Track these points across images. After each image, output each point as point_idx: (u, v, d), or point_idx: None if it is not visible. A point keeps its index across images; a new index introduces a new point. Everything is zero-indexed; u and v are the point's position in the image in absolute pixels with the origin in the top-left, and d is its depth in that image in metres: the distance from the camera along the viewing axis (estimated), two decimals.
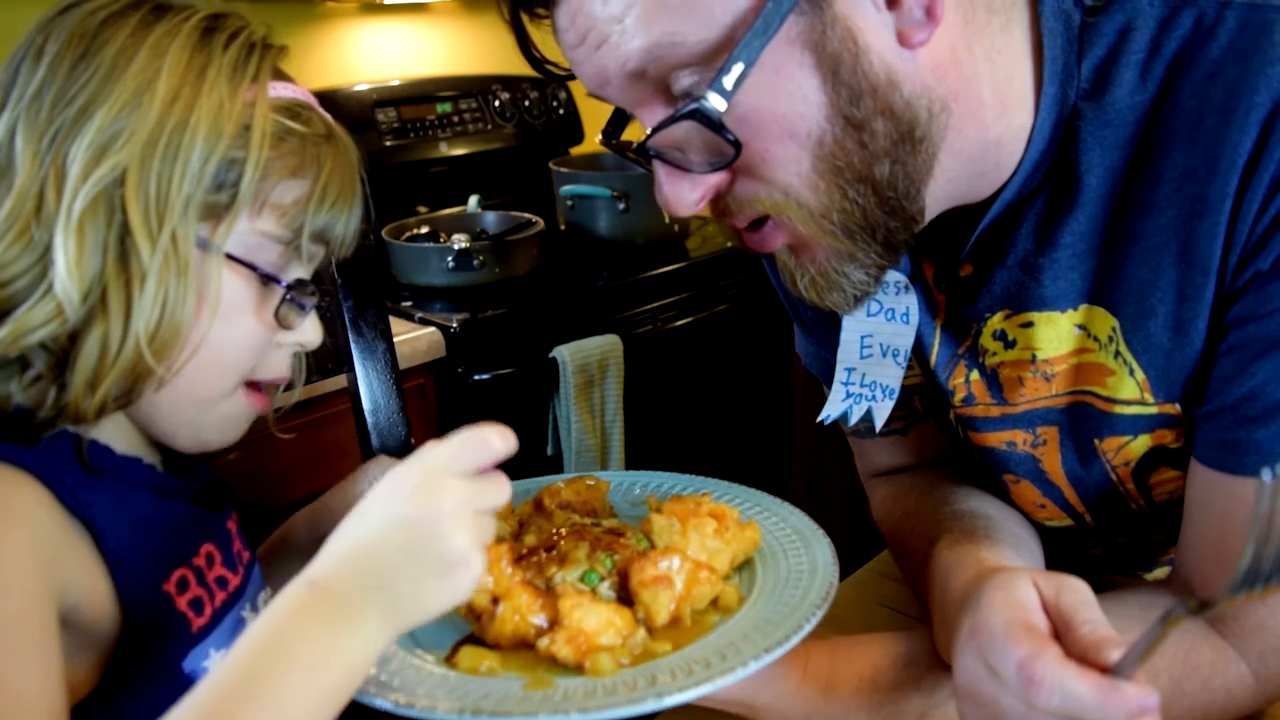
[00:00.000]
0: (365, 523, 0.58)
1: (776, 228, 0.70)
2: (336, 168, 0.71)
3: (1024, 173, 0.72)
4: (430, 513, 0.57)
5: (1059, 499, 0.84)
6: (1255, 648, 0.70)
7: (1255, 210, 0.66)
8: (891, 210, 0.68)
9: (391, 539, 0.57)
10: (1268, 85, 0.65)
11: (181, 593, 0.70)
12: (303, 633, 0.55)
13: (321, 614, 0.56)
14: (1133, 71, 0.69)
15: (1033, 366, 0.78)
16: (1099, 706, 0.54)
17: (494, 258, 1.71)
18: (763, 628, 0.66)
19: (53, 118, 0.64)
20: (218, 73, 0.67)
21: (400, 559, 0.57)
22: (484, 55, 2.35)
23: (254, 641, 0.55)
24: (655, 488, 0.89)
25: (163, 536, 0.70)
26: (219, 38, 0.68)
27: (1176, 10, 0.69)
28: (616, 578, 0.70)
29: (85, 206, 0.63)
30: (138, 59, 0.65)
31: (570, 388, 1.66)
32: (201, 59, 0.67)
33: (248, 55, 0.69)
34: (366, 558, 0.57)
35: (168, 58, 0.65)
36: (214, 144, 0.65)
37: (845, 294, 0.72)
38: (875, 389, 0.86)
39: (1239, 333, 0.68)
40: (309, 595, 0.56)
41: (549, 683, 0.62)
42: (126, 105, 0.64)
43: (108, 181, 0.63)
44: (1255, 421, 0.68)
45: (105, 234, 0.63)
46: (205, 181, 0.65)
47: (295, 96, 0.71)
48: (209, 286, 0.67)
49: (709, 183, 0.68)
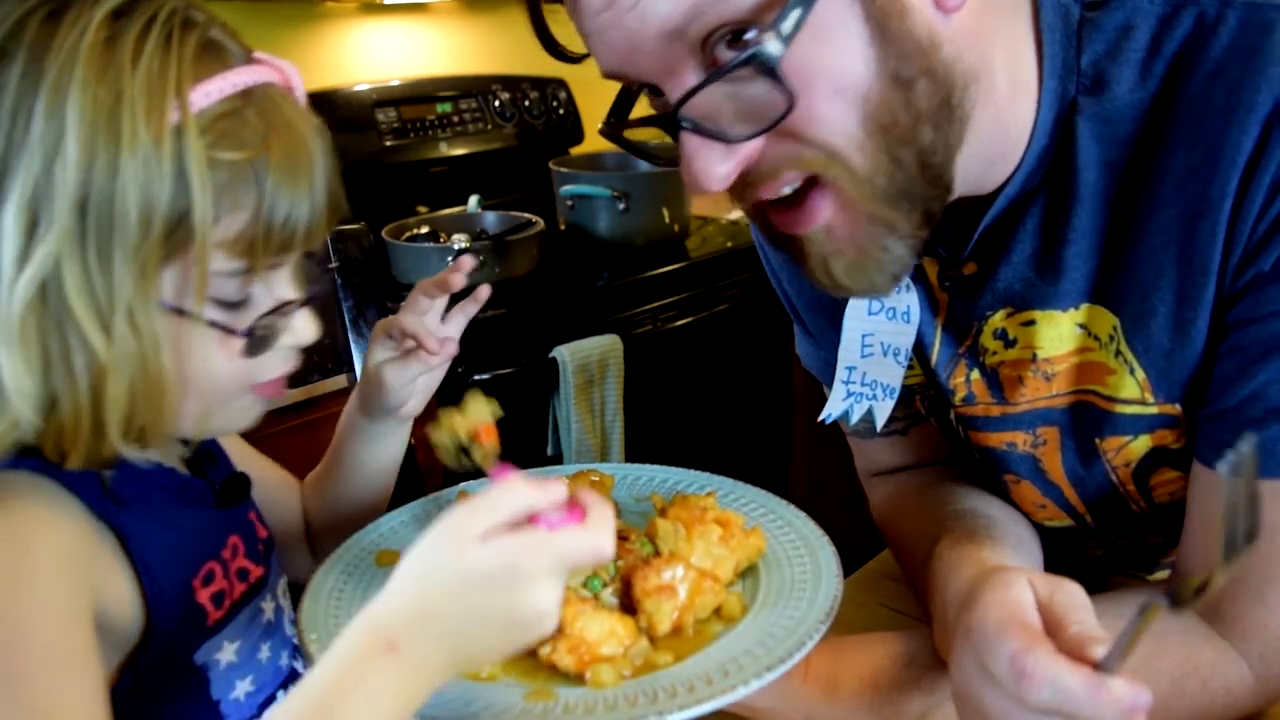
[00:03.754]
0: (445, 575, 0.56)
1: (819, 199, 0.67)
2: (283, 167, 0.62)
3: (1027, 168, 0.72)
4: (517, 565, 0.55)
5: (1059, 499, 0.84)
6: (1255, 648, 0.70)
7: (1256, 211, 0.65)
8: (931, 179, 0.67)
9: (472, 597, 0.55)
10: (1269, 85, 0.64)
11: (206, 585, 0.70)
12: (376, 694, 0.53)
13: (398, 677, 0.54)
14: (1133, 69, 0.69)
15: (1033, 366, 0.78)
16: (1090, 701, 0.54)
17: (494, 258, 1.71)
18: (765, 642, 0.66)
19: None
20: (133, 99, 0.57)
21: (478, 620, 0.56)
22: (484, 55, 2.35)
23: (322, 692, 0.54)
24: (660, 483, 0.88)
25: (188, 536, 0.70)
26: (126, 43, 0.58)
27: (1178, 9, 0.69)
28: (619, 584, 0.70)
29: (22, 309, 0.56)
30: (38, 107, 0.56)
31: (570, 388, 1.66)
32: (110, 83, 0.57)
33: (165, 57, 0.59)
34: (451, 627, 0.55)
35: (70, 96, 0.56)
36: (150, 203, 0.57)
37: (885, 273, 0.70)
38: (876, 388, 0.86)
39: (1240, 334, 0.68)
40: (388, 658, 0.54)
41: (549, 694, 0.62)
42: (39, 173, 0.56)
43: (40, 275, 0.56)
44: (1257, 423, 0.68)
45: (47, 335, 0.58)
46: (153, 247, 0.58)
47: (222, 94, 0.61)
48: (182, 344, 0.62)
49: (742, 152, 0.64)
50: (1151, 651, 0.70)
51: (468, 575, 0.55)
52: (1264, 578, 0.69)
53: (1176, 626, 0.72)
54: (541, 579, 0.56)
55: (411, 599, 0.56)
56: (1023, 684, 0.56)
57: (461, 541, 0.56)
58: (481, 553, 0.55)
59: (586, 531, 0.57)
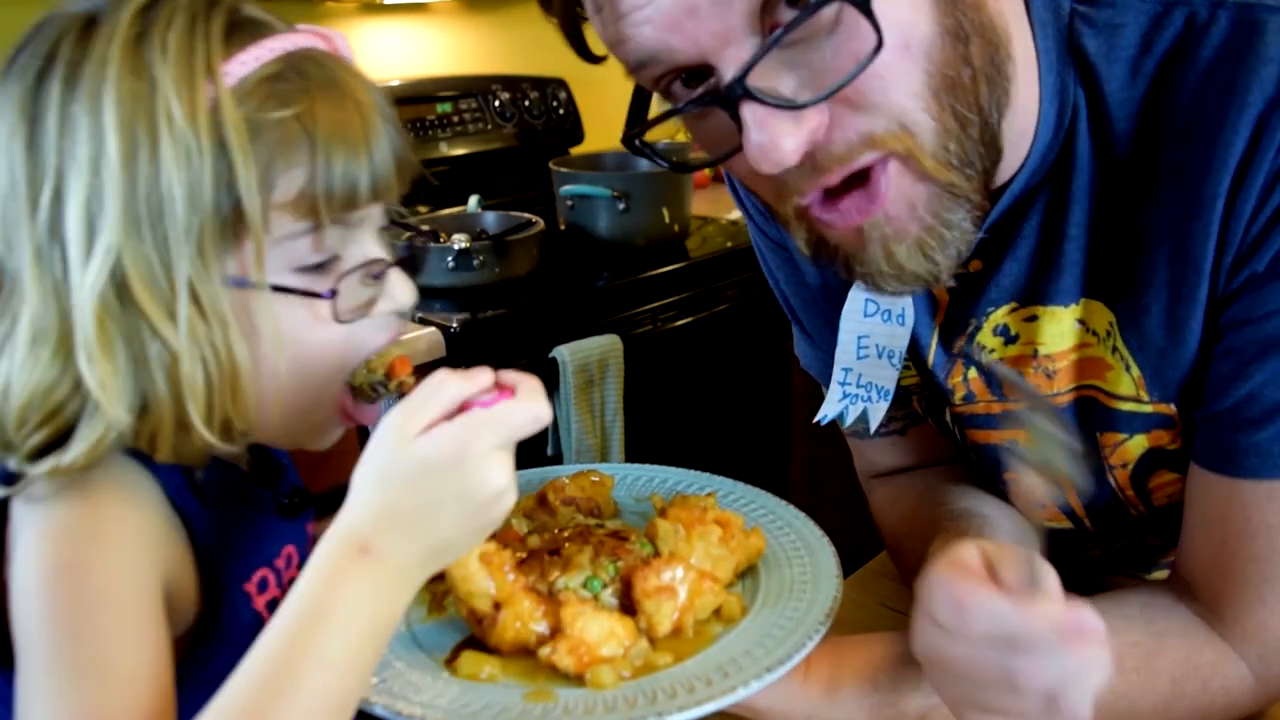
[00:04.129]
0: (398, 469, 0.58)
1: (885, 176, 0.64)
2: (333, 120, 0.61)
3: (1032, 164, 0.72)
4: (462, 450, 0.57)
5: (1059, 500, 0.84)
6: (1255, 649, 0.70)
7: (1249, 211, 0.65)
8: (989, 142, 0.66)
9: (426, 486, 0.57)
10: (1260, 85, 0.65)
11: (261, 592, 0.70)
12: (356, 598, 0.56)
13: (376, 581, 0.56)
14: (1123, 67, 0.69)
15: (1034, 362, 0.78)
16: (1020, 619, 0.55)
17: (494, 258, 1.70)
18: (765, 643, 0.66)
19: (34, 217, 0.58)
20: (167, 87, 0.58)
21: (438, 505, 0.57)
22: (484, 55, 2.35)
23: (303, 604, 0.55)
24: (660, 483, 0.88)
25: (247, 539, 0.70)
26: (154, 35, 0.59)
27: (1169, 8, 0.69)
28: (619, 584, 0.70)
29: (95, 311, 0.57)
30: (79, 116, 0.57)
31: (570, 388, 1.66)
32: (144, 77, 0.58)
33: (190, 40, 0.59)
34: (416, 519, 0.57)
35: (106, 100, 0.57)
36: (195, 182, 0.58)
37: (948, 252, 0.67)
38: (871, 390, 0.86)
39: (1235, 335, 0.68)
40: (363, 561, 0.56)
41: (549, 695, 0.62)
42: (90, 181, 0.57)
43: (105, 275, 0.57)
44: (1253, 424, 0.68)
45: (124, 333, 0.58)
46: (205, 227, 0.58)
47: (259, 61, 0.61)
48: (261, 323, 0.61)
49: (811, 123, 0.61)
50: (1151, 651, 0.70)
51: (421, 467, 0.57)
52: (1264, 579, 0.69)
53: (1177, 627, 0.72)
54: (490, 456, 0.58)
55: (372, 502, 0.58)
56: (961, 619, 0.57)
57: (405, 438, 0.57)
58: (427, 444, 0.57)
59: (520, 402, 0.60)
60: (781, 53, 0.60)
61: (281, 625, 0.55)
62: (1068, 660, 0.56)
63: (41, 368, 0.59)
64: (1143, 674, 0.70)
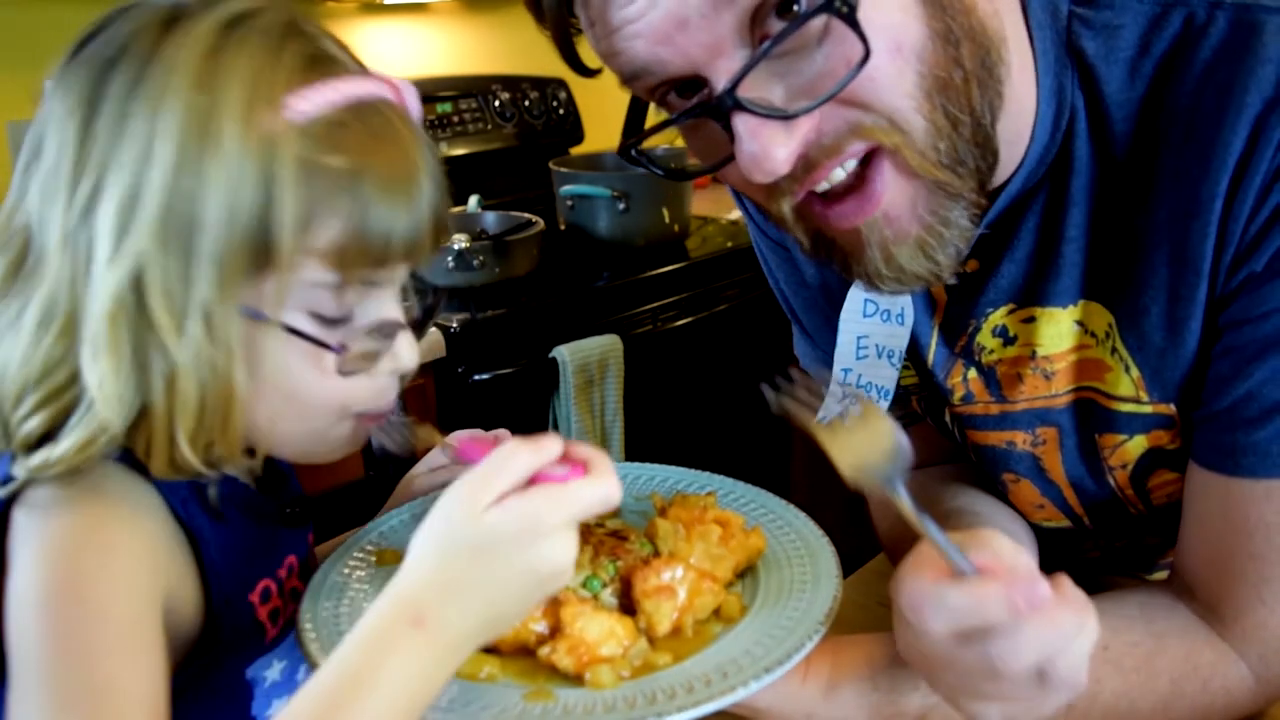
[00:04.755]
0: (464, 547, 0.57)
1: (879, 176, 0.64)
2: (385, 179, 0.61)
3: (1029, 165, 0.72)
4: (531, 526, 0.57)
5: (1058, 499, 0.84)
6: (1255, 649, 0.70)
7: (1247, 211, 0.66)
8: (982, 142, 0.66)
9: (498, 566, 0.57)
10: (1258, 86, 0.65)
11: (264, 603, 0.70)
12: (403, 671, 0.55)
13: (426, 654, 0.55)
14: (1122, 69, 0.69)
15: (1032, 363, 0.78)
16: (974, 607, 0.55)
17: (494, 258, 1.71)
18: (765, 643, 0.66)
19: (71, 201, 0.57)
20: (229, 107, 0.57)
21: (510, 587, 0.57)
22: (484, 55, 2.35)
23: (348, 668, 0.54)
24: (660, 483, 0.88)
25: (250, 550, 0.69)
26: (230, 51, 0.58)
27: (1167, 9, 0.69)
28: (619, 584, 0.70)
29: (109, 310, 0.57)
30: (137, 114, 0.57)
31: (570, 388, 1.66)
32: (209, 91, 0.57)
33: (270, 63, 0.59)
34: (477, 592, 0.57)
35: (166, 106, 0.57)
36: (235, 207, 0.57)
37: (948, 251, 0.68)
38: (871, 390, 0.86)
39: (1234, 335, 0.68)
40: (416, 633, 0.55)
41: (548, 694, 0.62)
42: (132, 180, 0.56)
43: (126, 276, 0.56)
44: (1252, 423, 0.68)
45: (133, 339, 0.58)
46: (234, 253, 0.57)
47: (328, 102, 0.60)
48: (265, 358, 0.60)
49: (801, 130, 0.62)
50: (1151, 651, 0.71)
51: (489, 541, 0.57)
52: (1262, 578, 0.69)
53: (1176, 627, 0.72)
54: (560, 532, 0.58)
55: (434, 571, 0.57)
56: (920, 616, 0.57)
57: (476, 509, 0.57)
58: (500, 516, 0.57)
59: (594, 481, 0.59)
60: (771, 63, 0.61)
61: (323, 686, 0.54)
62: (1042, 633, 0.55)
63: (44, 349, 0.58)
64: (1142, 674, 0.70)
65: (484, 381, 1.60)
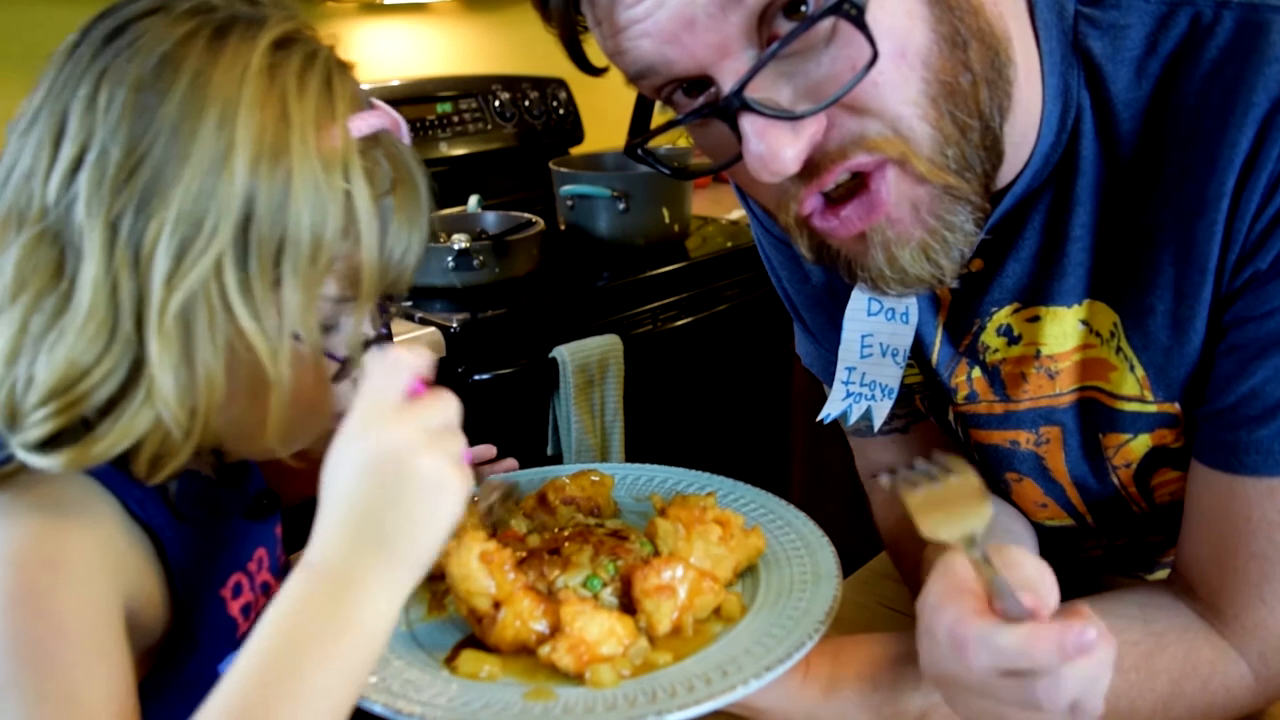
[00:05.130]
0: (335, 490, 0.58)
1: (884, 181, 0.64)
2: (405, 211, 0.64)
3: (1035, 165, 0.72)
4: (386, 449, 0.57)
5: (1061, 498, 0.84)
6: (1255, 647, 0.70)
7: (1253, 210, 0.65)
8: (989, 146, 0.66)
9: (364, 494, 0.57)
10: (1265, 85, 0.65)
11: (236, 597, 0.70)
12: (311, 619, 0.55)
13: (325, 594, 0.56)
14: (1128, 68, 0.69)
15: (1036, 362, 0.78)
16: (1024, 653, 0.55)
17: (494, 258, 1.70)
18: (765, 642, 0.66)
19: (117, 190, 0.57)
20: (302, 123, 0.59)
21: (379, 509, 0.57)
22: (484, 55, 2.35)
23: (266, 638, 0.55)
24: (660, 483, 0.88)
25: (218, 545, 0.70)
26: (290, 70, 0.60)
27: (1174, 9, 0.69)
28: (619, 584, 0.70)
29: (178, 309, 0.57)
30: (207, 116, 0.57)
31: (570, 388, 1.66)
32: (277, 105, 0.59)
33: (327, 88, 0.61)
34: (349, 522, 0.57)
35: (240, 113, 0.58)
36: (320, 225, 0.59)
37: (952, 254, 0.67)
38: (875, 388, 0.86)
39: (1238, 333, 0.68)
40: (309, 579, 0.56)
41: (549, 693, 0.62)
42: (204, 181, 0.57)
43: (202, 280, 0.57)
44: (1255, 421, 0.68)
45: (208, 335, 0.58)
46: (320, 267, 0.59)
47: (370, 130, 0.63)
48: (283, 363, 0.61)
49: (810, 130, 0.61)
50: (1151, 651, 0.70)
51: (355, 472, 0.57)
52: (1263, 576, 0.69)
53: (1176, 626, 0.72)
54: (421, 446, 0.57)
55: (318, 523, 0.58)
56: (962, 654, 0.57)
57: (337, 455, 0.58)
58: (360, 445, 0.58)
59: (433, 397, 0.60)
60: (779, 64, 0.60)
61: (246, 657, 0.54)
62: (1085, 672, 0.56)
63: (85, 342, 0.57)
64: (1142, 673, 0.70)
65: (484, 381, 1.60)
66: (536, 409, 1.69)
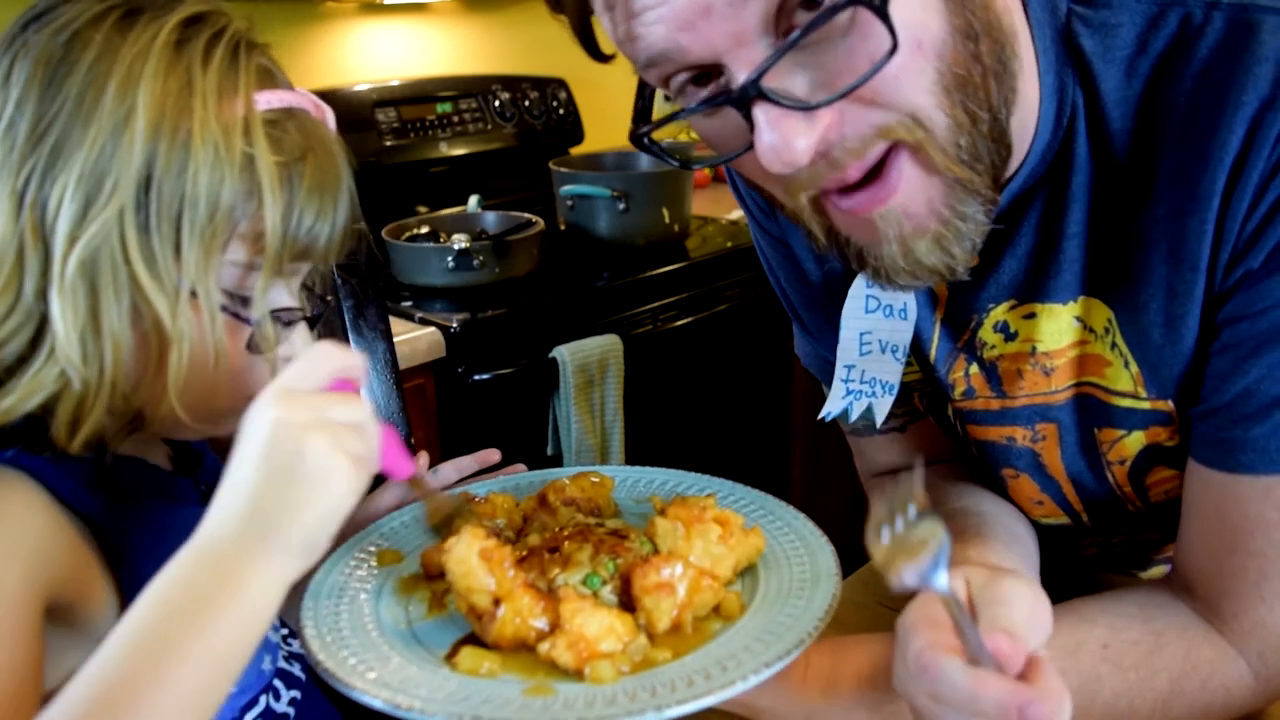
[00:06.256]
0: (232, 466, 0.59)
1: (897, 167, 0.64)
2: (315, 180, 0.67)
3: (1031, 162, 0.72)
4: (281, 430, 0.58)
5: (1057, 495, 0.84)
6: (1255, 647, 0.70)
7: (1244, 209, 0.66)
8: (998, 137, 0.66)
9: (254, 471, 0.58)
10: (1255, 85, 0.65)
11: None
12: (187, 593, 0.55)
13: (205, 570, 0.56)
14: (1119, 67, 0.70)
15: (1032, 359, 0.78)
16: (970, 695, 0.55)
17: (494, 258, 1.71)
18: (764, 639, 0.66)
19: (25, 157, 0.60)
20: (204, 91, 0.62)
21: (266, 488, 0.58)
22: (484, 55, 2.35)
23: (143, 607, 0.55)
24: (660, 485, 0.88)
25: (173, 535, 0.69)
26: (197, 45, 0.64)
27: (1164, 9, 0.69)
28: (619, 581, 0.70)
29: (79, 265, 0.59)
30: (110, 86, 0.61)
31: (570, 388, 1.66)
32: (181, 75, 0.62)
33: (233, 61, 0.65)
34: (237, 501, 0.58)
35: (143, 81, 0.61)
36: (218, 188, 0.62)
37: (965, 244, 0.68)
38: (875, 385, 0.86)
39: (1231, 331, 0.68)
40: (193, 553, 0.57)
41: (548, 689, 0.62)
42: (106, 144, 0.60)
43: (103, 235, 0.60)
44: (1250, 419, 0.68)
45: (110, 292, 0.61)
46: (217, 229, 0.62)
47: (269, 105, 0.66)
48: (189, 327, 0.64)
49: (823, 122, 0.62)
50: (1150, 650, 0.71)
51: (248, 452, 0.58)
52: (1261, 575, 0.69)
53: (1175, 625, 0.72)
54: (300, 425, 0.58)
55: (212, 503, 0.59)
56: (924, 679, 0.57)
57: (244, 431, 0.59)
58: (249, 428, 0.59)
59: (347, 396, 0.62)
60: (794, 54, 0.60)
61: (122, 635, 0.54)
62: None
63: None
64: (1141, 672, 0.70)
65: (484, 381, 1.60)
66: (536, 409, 1.69)
